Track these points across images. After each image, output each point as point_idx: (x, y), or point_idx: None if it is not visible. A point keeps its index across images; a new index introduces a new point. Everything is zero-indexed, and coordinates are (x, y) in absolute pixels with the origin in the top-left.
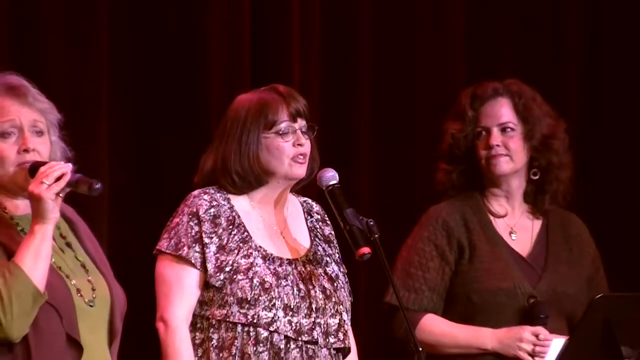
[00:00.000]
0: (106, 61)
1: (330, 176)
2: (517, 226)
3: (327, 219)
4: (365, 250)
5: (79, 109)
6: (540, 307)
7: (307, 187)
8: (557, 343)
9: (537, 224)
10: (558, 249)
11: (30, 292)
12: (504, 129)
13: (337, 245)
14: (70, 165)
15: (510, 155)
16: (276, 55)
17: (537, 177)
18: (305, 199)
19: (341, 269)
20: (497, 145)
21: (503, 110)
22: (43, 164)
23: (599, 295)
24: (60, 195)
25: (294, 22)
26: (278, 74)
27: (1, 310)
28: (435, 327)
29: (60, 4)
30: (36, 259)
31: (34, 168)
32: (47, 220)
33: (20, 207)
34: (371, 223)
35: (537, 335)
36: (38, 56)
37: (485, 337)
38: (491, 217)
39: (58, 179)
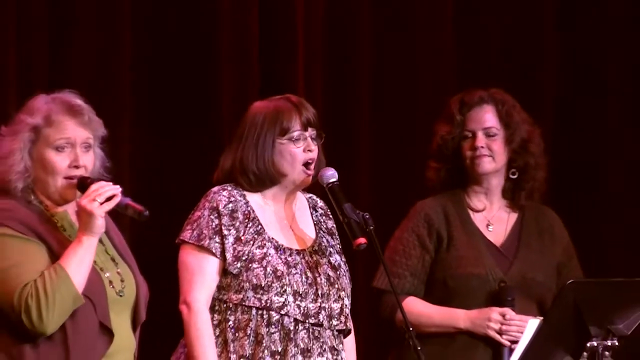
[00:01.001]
0: (128, 63)
1: (330, 174)
2: (493, 219)
3: (329, 213)
4: (362, 240)
5: (103, 112)
6: (508, 291)
7: (312, 185)
8: (533, 323)
9: (513, 217)
10: (530, 239)
11: (71, 296)
12: (487, 133)
13: (338, 237)
14: (119, 188)
15: (492, 156)
16: (282, 57)
17: (515, 176)
18: (311, 195)
19: (342, 259)
20: (482, 147)
21: (487, 116)
22: (92, 180)
23: (570, 281)
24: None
25: (299, 28)
26: (284, 76)
27: (45, 308)
28: (414, 308)
29: (89, 12)
30: (79, 266)
31: (83, 183)
32: (95, 234)
33: (64, 211)
34: (367, 216)
35: (504, 316)
36: (71, 62)
37: (458, 317)
38: (470, 212)
39: (109, 198)
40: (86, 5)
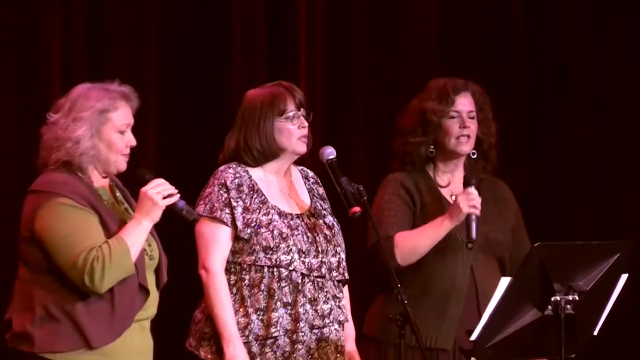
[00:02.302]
0: (154, 65)
1: (329, 152)
2: (456, 190)
3: (319, 181)
4: (356, 209)
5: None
6: (470, 177)
7: (307, 161)
8: (504, 281)
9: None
10: (488, 207)
11: (128, 266)
12: (469, 116)
13: (328, 201)
14: (176, 191)
15: (471, 137)
16: (287, 56)
17: (475, 157)
18: (302, 167)
19: (334, 219)
20: (468, 127)
21: (469, 101)
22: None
23: (537, 244)
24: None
25: (301, 29)
26: (288, 67)
27: (108, 272)
28: (407, 235)
29: (121, 18)
30: (135, 242)
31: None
32: (153, 220)
33: (96, 180)
34: (361, 188)
35: (467, 195)
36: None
37: (442, 221)
38: (437, 185)
39: (169, 196)
40: (118, 6)
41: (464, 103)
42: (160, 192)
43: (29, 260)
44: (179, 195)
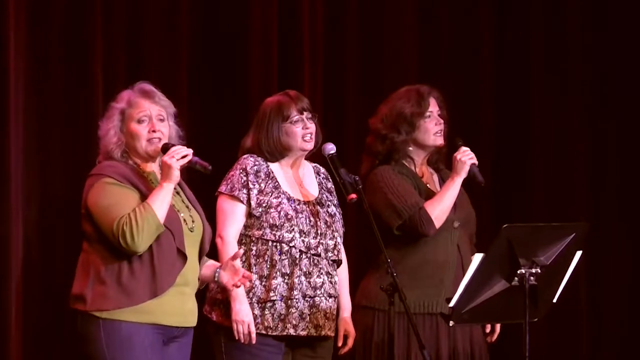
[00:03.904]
0: (185, 64)
1: (330, 147)
2: (428, 181)
3: (329, 177)
4: (353, 196)
5: (169, 96)
6: (457, 142)
7: (317, 157)
8: (478, 257)
9: (436, 177)
10: (459, 192)
11: (155, 224)
12: (440, 115)
13: (335, 194)
14: (191, 150)
15: (443, 131)
16: (295, 57)
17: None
18: (316, 164)
19: (338, 210)
20: (440, 124)
21: (436, 102)
22: (172, 145)
23: (505, 225)
24: (182, 167)
25: (305, 32)
26: (293, 71)
27: (135, 232)
28: (433, 202)
29: (154, 20)
30: (162, 203)
31: (166, 147)
32: (172, 181)
33: (148, 167)
34: (357, 179)
35: (464, 151)
36: (142, 55)
37: (453, 179)
38: (416, 174)
39: (184, 157)
40: (154, 7)
41: (434, 104)
42: (174, 156)
43: (86, 233)
44: (192, 154)
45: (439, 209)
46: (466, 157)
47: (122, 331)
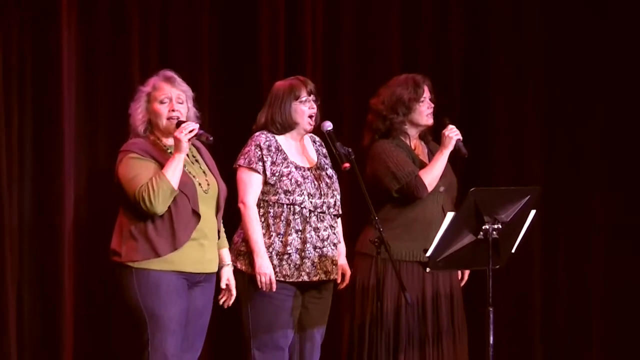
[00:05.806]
0: (206, 58)
1: (328, 124)
2: (419, 152)
3: (323, 144)
4: (347, 165)
5: (190, 81)
6: (444, 121)
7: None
8: (449, 215)
9: (425, 149)
10: None
11: (169, 188)
12: (430, 99)
13: (329, 158)
14: (198, 125)
15: (432, 113)
16: (298, 49)
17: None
18: (311, 134)
19: (334, 171)
20: (432, 107)
21: (428, 89)
22: (184, 122)
23: (472, 189)
24: (190, 140)
25: (308, 31)
26: (297, 59)
27: (152, 196)
28: (426, 170)
29: (179, 10)
30: (174, 171)
31: (179, 123)
32: (182, 152)
33: (168, 141)
34: (350, 150)
35: (451, 128)
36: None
37: (442, 151)
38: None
39: (191, 131)
40: (180, 9)
41: (427, 90)
42: (182, 131)
43: (119, 199)
44: (197, 128)
45: (431, 176)
46: (453, 133)
47: (151, 278)
